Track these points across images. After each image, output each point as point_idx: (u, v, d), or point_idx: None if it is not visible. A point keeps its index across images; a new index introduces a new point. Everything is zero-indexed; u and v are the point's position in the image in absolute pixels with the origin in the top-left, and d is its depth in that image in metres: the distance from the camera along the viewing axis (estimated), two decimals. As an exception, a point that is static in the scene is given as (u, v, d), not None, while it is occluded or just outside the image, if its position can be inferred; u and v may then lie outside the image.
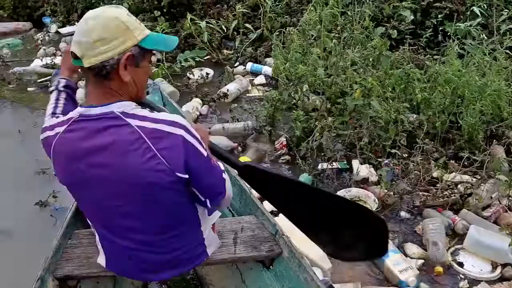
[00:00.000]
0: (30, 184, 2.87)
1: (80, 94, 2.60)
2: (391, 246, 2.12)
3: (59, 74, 1.60)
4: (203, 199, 1.36)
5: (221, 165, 1.41)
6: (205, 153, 1.28)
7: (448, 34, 3.64)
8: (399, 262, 2.04)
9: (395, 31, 2.95)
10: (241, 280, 1.76)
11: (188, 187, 1.31)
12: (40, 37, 5.29)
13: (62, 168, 1.31)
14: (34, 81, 4.37)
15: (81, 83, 2.89)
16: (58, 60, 4.58)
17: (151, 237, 1.37)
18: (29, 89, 4.27)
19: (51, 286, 1.48)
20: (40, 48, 5.02)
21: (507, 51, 3.10)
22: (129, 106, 1.24)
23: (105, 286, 1.72)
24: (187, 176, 1.24)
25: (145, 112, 1.23)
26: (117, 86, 1.23)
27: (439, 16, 3.84)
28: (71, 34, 5.24)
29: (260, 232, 1.71)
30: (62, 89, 1.56)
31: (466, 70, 2.76)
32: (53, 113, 1.48)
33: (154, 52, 1.28)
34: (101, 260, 1.48)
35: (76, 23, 5.47)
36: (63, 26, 5.62)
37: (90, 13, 1.22)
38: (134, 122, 1.20)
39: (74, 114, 1.26)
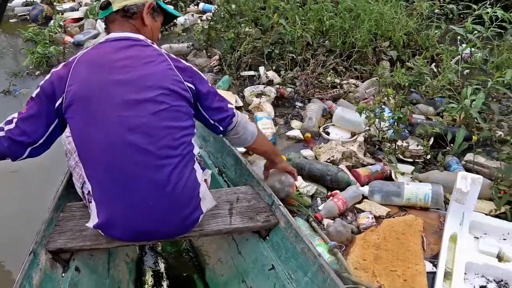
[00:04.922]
0: (2, 83, 3.56)
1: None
2: (266, 114, 2.85)
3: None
4: (212, 122, 1.54)
5: (230, 105, 1.57)
6: (209, 83, 1.51)
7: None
8: (266, 124, 2.76)
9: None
10: (237, 251, 1.72)
11: (195, 105, 1.48)
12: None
13: (81, 78, 1.34)
14: (15, 14, 5.00)
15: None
16: (37, -3, 5.21)
17: (153, 161, 1.34)
18: (10, 20, 4.90)
19: (44, 260, 1.41)
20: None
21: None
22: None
23: (99, 258, 1.67)
24: (193, 87, 1.44)
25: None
26: (139, 25, 1.49)
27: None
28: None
29: (256, 202, 1.67)
30: None
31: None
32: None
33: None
34: (93, 222, 1.43)
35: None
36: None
37: None
38: (157, 47, 1.45)
39: (101, 39, 1.46)
